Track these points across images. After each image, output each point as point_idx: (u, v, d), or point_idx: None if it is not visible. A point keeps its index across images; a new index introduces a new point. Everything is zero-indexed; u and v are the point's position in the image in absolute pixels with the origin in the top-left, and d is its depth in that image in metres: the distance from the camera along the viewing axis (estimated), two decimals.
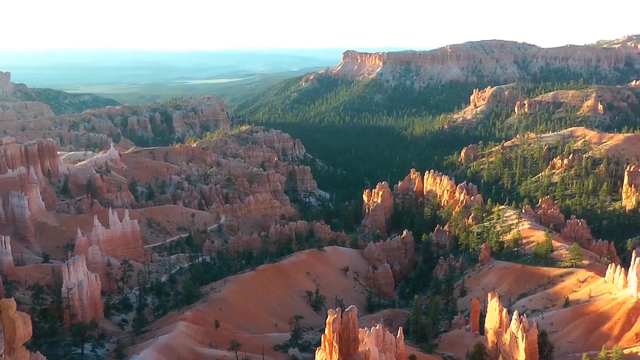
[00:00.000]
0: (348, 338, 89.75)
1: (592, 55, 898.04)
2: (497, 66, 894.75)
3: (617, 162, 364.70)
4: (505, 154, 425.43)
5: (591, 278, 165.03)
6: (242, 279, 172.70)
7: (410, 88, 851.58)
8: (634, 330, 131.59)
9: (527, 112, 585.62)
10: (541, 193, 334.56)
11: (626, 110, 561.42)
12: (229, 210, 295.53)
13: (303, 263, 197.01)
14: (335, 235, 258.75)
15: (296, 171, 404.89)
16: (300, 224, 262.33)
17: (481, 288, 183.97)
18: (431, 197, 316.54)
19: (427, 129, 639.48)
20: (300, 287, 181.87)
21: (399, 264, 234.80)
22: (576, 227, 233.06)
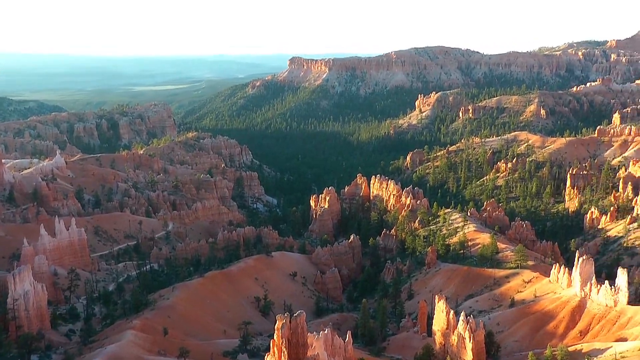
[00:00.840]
0: (297, 343, 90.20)
1: (534, 61, 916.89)
2: (442, 72, 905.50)
3: (560, 165, 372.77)
4: (450, 159, 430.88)
5: (536, 278, 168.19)
6: (190, 286, 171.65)
7: (356, 94, 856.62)
8: (578, 328, 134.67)
9: (471, 117, 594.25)
10: (486, 196, 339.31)
11: (568, 115, 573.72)
12: (176, 217, 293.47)
13: (251, 269, 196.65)
14: (283, 240, 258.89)
15: (243, 177, 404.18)
16: (248, 230, 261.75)
17: (428, 290, 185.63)
18: (378, 201, 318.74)
19: (373, 135, 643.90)
20: (248, 293, 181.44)
21: (346, 269, 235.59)
22: (521, 229, 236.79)
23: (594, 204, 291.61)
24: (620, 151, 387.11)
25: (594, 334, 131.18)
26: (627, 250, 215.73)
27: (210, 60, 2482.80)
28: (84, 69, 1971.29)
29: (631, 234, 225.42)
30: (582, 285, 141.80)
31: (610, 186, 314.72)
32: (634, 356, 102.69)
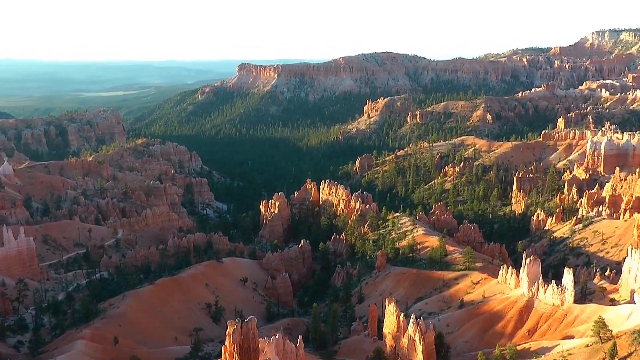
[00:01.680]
0: (248, 348, 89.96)
1: (480, 68, 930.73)
2: (389, 78, 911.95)
3: (506, 169, 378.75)
4: (398, 163, 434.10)
5: (484, 280, 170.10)
6: (140, 293, 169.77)
7: (305, 100, 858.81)
8: (526, 327, 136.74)
9: (419, 122, 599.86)
10: (434, 200, 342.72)
11: (513, 119, 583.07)
12: (126, 224, 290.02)
13: (202, 275, 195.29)
14: (233, 246, 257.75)
15: (193, 183, 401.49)
16: (198, 236, 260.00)
17: (378, 294, 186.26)
18: (327, 206, 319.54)
19: (322, 140, 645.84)
20: (199, 300, 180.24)
21: (297, 273, 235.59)
22: (469, 232, 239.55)
23: (540, 206, 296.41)
24: (565, 155, 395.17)
25: (541, 333, 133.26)
26: (573, 250, 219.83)
27: (159, 66, 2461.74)
28: (31, 75, 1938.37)
29: (576, 235, 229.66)
30: (530, 285, 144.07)
31: (556, 189, 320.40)
32: (581, 353, 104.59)
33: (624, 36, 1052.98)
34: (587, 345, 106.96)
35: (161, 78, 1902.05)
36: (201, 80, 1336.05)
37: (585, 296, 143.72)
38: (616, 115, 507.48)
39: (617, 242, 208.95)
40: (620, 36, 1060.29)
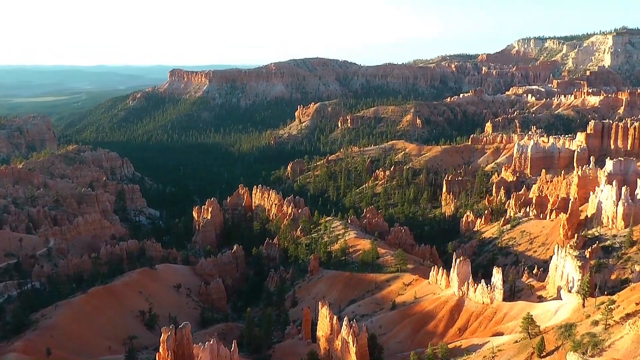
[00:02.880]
0: (183, 354, 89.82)
1: (410, 73, 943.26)
2: (320, 83, 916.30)
3: (436, 172, 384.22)
4: (330, 168, 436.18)
5: (416, 281, 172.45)
6: (73, 303, 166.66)
7: (236, 105, 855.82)
8: (457, 325, 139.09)
9: (350, 127, 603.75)
10: (366, 203, 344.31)
11: (442, 124, 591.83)
12: (58, 232, 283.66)
13: (135, 283, 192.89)
14: (166, 252, 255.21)
15: (125, 190, 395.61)
16: (131, 243, 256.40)
17: (312, 297, 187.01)
18: (260, 211, 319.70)
19: (254, 145, 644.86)
20: (133, 307, 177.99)
21: (230, 278, 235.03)
22: (400, 234, 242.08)
23: (469, 208, 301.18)
24: (492, 158, 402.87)
25: (472, 331, 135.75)
26: (502, 250, 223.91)
27: (90, 71, 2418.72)
28: None
29: (505, 235, 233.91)
30: (460, 285, 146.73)
31: (484, 191, 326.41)
32: (510, 349, 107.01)
33: (549, 44, 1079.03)
34: (516, 341, 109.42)
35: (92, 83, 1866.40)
36: (132, 86, 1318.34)
37: (514, 294, 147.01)
38: (542, 120, 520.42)
39: (544, 241, 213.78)
40: (545, 44, 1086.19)
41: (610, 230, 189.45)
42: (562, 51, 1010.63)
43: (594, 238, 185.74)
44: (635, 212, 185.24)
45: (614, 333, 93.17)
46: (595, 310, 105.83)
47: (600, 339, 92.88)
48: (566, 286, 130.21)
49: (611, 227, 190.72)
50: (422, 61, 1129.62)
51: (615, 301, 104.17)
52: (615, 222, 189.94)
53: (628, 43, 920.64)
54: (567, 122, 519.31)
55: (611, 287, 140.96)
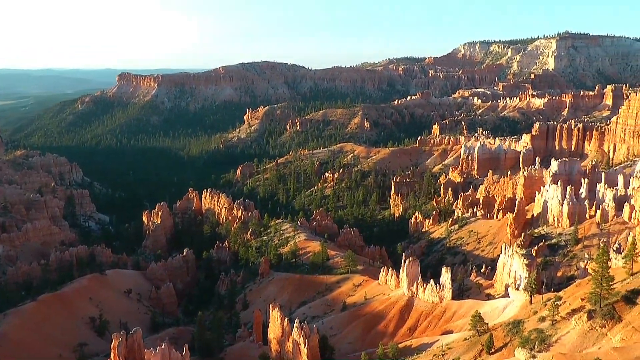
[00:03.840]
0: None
1: (358, 76, 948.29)
2: (269, 87, 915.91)
3: (384, 174, 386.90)
4: (279, 170, 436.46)
5: (366, 282, 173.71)
6: (22, 311, 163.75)
7: (185, 109, 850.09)
8: (407, 325, 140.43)
9: (298, 130, 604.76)
10: (315, 206, 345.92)
11: (390, 126, 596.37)
12: (6, 239, 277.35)
13: (85, 289, 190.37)
14: (117, 258, 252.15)
15: (74, 195, 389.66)
16: (81, 249, 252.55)
17: (263, 300, 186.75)
18: (210, 214, 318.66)
19: (204, 149, 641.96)
20: (83, 314, 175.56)
21: (181, 283, 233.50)
22: (349, 236, 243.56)
23: (418, 209, 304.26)
24: (440, 159, 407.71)
25: (422, 330, 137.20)
26: (450, 250, 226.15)
27: (37, 74, 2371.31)
28: None
29: (453, 235, 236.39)
30: (410, 285, 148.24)
31: (432, 192, 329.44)
32: (459, 346, 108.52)
33: (494, 47, 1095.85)
34: (466, 338, 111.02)
35: (40, 87, 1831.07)
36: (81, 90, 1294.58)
37: (463, 292, 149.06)
38: (488, 122, 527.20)
39: (491, 240, 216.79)
40: (491, 47, 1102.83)
41: (556, 228, 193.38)
42: (507, 55, 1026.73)
43: (540, 236, 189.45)
44: (580, 210, 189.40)
45: (560, 328, 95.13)
46: (542, 307, 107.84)
47: (547, 334, 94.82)
48: (514, 284, 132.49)
49: (557, 225, 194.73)
50: (370, 64, 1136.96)
51: (561, 297, 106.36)
52: (560, 220, 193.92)
53: (571, 47, 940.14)
54: (512, 124, 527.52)
55: (557, 283, 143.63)
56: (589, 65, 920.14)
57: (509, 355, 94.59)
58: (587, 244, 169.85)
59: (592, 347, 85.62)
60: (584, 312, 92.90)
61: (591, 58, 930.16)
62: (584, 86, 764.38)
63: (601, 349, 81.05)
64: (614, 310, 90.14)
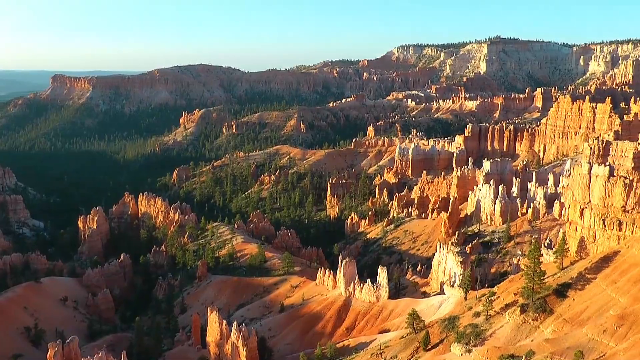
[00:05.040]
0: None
1: (293, 79, 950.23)
2: (205, 90, 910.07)
3: (320, 176, 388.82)
4: (215, 173, 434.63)
5: (303, 283, 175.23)
6: None
7: (121, 112, 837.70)
8: (344, 325, 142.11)
9: (234, 133, 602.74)
10: (252, 208, 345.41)
11: (326, 128, 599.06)
12: None
13: (19, 298, 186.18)
14: (52, 265, 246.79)
15: (7, 201, 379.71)
16: (15, 257, 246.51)
17: (201, 303, 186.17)
18: (146, 219, 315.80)
19: (139, 152, 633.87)
20: (18, 324, 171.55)
21: (118, 288, 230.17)
22: (286, 237, 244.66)
23: (354, 210, 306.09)
24: (375, 160, 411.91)
25: (359, 329, 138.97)
26: (386, 249, 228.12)
27: None
28: None
29: (388, 235, 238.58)
30: (347, 285, 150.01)
31: (368, 193, 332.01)
32: (397, 344, 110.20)
33: (427, 51, 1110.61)
34: (403, 336, 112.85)
35: None
36: (14, 92, 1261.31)
37: (399, 291, 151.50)
38: (422, 123, 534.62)
39: (426, 239, 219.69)
40: (424, 51, 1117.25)
41: (489, 226, 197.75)
42: (440, 58, 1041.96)
43: (474, 234, 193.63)
44: (512, 209, 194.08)
45: (494, 323, 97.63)
46: (477, 303, 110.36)
47: (482, 329, 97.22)
48: (449, 281, 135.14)
49: (490, 223, 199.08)
50: (305, 67, 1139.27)
51: (495, 293, 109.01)
52: (493, 219, 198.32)
53: (502, 51, 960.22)
54: (446, 126, 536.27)
55: (491, 280, 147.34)
56: (519, 69, 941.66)
57: (445, 351, 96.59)
58: (519, 241, 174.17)
59: (526, 339, 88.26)
60: (517, 307, 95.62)
61: (521, 62, 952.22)
62: (514, 89, 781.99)
63: (534, 341, 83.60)
64: (545, 304, 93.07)
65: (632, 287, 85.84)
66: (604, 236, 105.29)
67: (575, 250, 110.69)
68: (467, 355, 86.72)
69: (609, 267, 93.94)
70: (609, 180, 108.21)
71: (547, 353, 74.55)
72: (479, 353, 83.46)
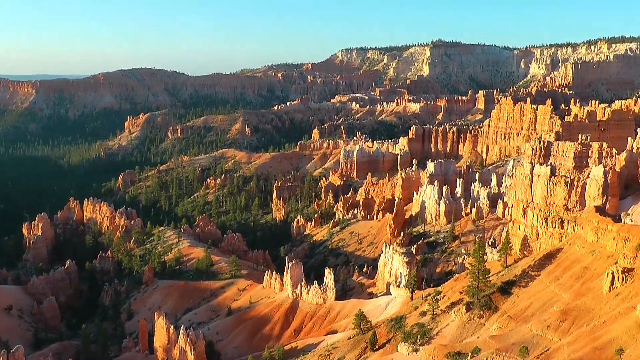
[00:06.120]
0: None
1: (238, 82, 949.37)
2: (149, 93, 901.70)
3: (266, 179, 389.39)
4: (161, 178, 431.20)
5: (250, 286, 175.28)
6: None
7: (65, 116, 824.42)
8: (292, 327, 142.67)
9: (180, 137, 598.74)
10: (198, 212, 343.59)
11: (271, 132, 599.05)
12: None
13: None
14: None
15: None
16: None
17: (148, 308, 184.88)
18: (92, 224, 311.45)
19: (84, 157, 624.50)
20: None
21: (64, 295, 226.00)
22: (233, 241, 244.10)
23: (300, 213, 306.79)
24: (320, 163, 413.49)
25: (307, 331, 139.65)
26: (332, 251, 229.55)
27: None
28: None
29: (335, 237, 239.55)
30: (294, 287, 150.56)
31: (313, 195, 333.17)
32: (344, 345, 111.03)
33: (371, 54, 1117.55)
34: (350, 337, 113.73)
35: None
36: None
37: (346, 292, 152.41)
38: (366, 126, 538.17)
39: (372, 240, 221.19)
40: (367, 54, 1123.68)
41: (434, 227, 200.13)
42: (384, 61, 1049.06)
43: (419, 235, 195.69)
44: (456, 209, 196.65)
45: (440, 321, 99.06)
46: (423, 302, 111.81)
47: (428, 328, 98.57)
48: (395, 281, 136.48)
49: (434, 224, 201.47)
50: (250, 71, 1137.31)
51: (440, 292, 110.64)
52: (438, 219, 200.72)
53: (444, 54, 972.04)
54: (390, 128, 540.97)
55: (437, 279, 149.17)
56: (461, 71, 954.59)
57: (392, 351, 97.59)
58: (463, 240, 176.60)
59: (472, 336, 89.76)
60: (462, 305, 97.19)
61: (464, 65, 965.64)
62: (457, 91, 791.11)
63: (480, 338, 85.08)
64: (490, 301, 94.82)
65: (575, 282, 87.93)
66: (546, 234, 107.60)
67: (519, 248, 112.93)
68: (414, 354, 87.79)
69: (552, 264, 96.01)
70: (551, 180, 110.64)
71: (492, 349, 75.89)
72: (425, 352, 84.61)
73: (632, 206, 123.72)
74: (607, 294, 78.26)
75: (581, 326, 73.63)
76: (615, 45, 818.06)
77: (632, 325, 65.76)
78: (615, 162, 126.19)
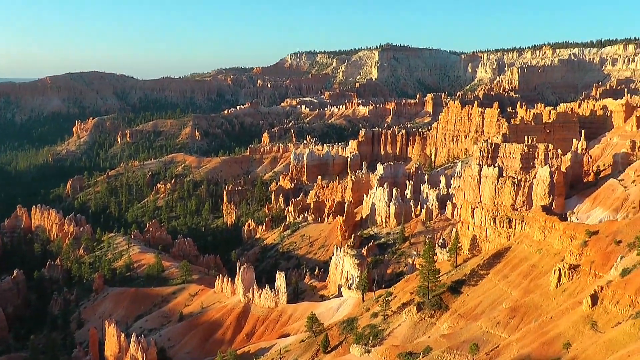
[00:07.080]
0: None
1: (187, 87, 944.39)
2: (98, 97, 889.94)
3: (216, 183, 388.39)
4: (110, 183, 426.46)
5: (202, 291, 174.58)
6: None
7: (11, 121, 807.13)
8: (244, 331, 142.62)
9: (129, 142, 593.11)
10: (148, 217, 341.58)
11: (221, 136, 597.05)
12: None
13: None
14: None
15: None
16: None
17: (98, 317, 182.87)
18: (40, 232, 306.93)
19: (32, 163, 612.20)
20: None
21: (11, 306, 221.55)
22: (184, 246, 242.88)
23: (250, 216, 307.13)
24: (270, 167, 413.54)
25: (259, 335, 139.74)
26: (284, 255, 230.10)
27: None
28: None
29: (286, 240, 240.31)
30: (245, 291, 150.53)
31: (264, 199, 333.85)
32: (297, 348, 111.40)
33: (320, 58, 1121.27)
34: (302, 340, 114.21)
35: None
36: None
37: (298, 295, 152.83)
38: (316, 129, 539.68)
39: (323, 243, 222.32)
40: (316, 58, 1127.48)
41: (384, 228, 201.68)
42: (333, 65, 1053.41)
43: (370, 237, 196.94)
44: (406, 210, 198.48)
45: (392, 322, 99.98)
46: (374, 304, 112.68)
47: (380, 329, 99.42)
48: (346, 284, 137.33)
49: (385, 225, 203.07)
50: (199, 75, 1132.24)
51: (392, 293, 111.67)
52: (388, 220, 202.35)
53: (392, 58, 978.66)
54: (339, 131, 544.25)
55: (388, 280, 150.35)
56: (409, 75, 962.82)
57: (345, 353, 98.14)
58: (414, 241, 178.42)
59: (423, 336, 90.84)
60: (413, 305, 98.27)
61: (412, 68, 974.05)
62: (405, 95, 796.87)
63: (431, 337, 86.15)
64: (441, 301, 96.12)
65: (523, 280, 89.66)
66: (495, 233, 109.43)
67: (468, 248, 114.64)
68: (367, 355, 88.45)
69: (501, 263, 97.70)
70: (498, 181, 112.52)
71: (444, 348, 76.93)
72: (377, 353, 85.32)
73: (578, 205, 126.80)
74: (555, 291, 80.00)
75: (530, 322, 75.13)
76: (560, 50, 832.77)
77: (579, 319, 67.30)
78: (560, 162, 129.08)
